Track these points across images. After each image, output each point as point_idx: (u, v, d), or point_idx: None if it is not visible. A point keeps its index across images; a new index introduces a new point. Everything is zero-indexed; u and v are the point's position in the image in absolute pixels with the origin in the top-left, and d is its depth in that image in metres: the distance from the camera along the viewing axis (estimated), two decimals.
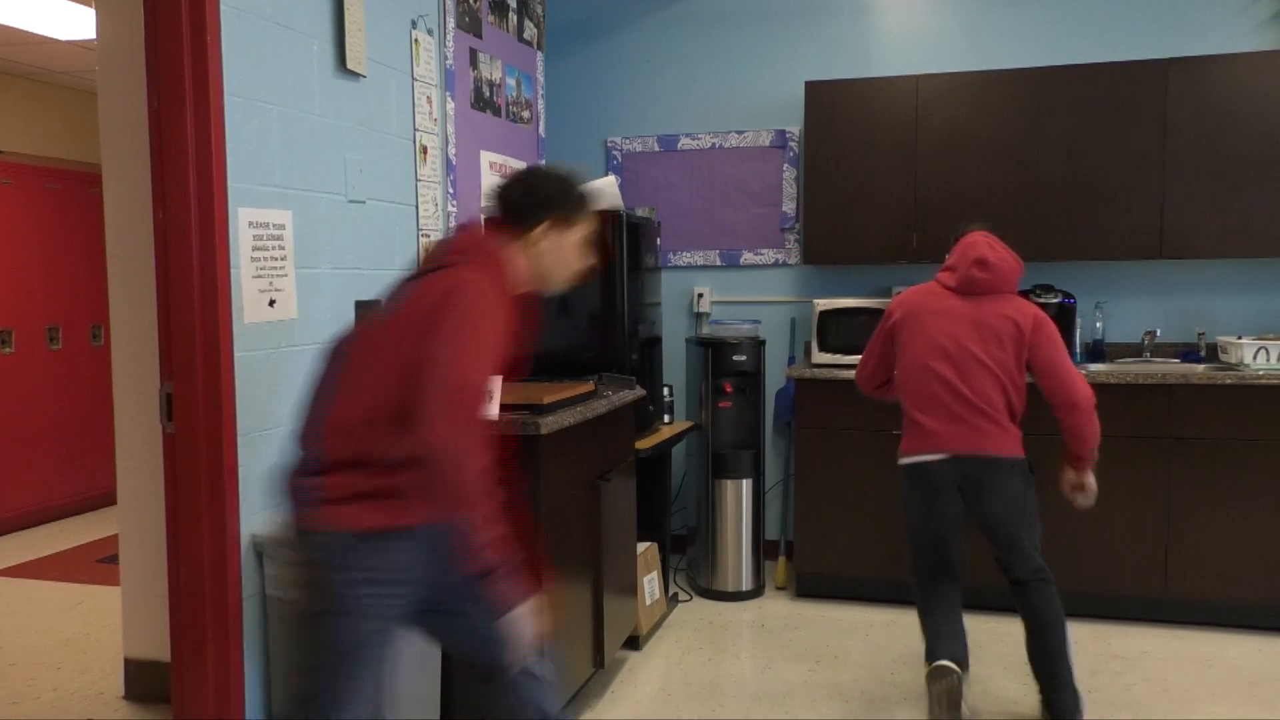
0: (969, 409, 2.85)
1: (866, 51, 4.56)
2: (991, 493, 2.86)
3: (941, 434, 2.88)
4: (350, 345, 1.95)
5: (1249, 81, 3.84)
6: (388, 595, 1.88)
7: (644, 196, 4.79)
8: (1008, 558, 2.91)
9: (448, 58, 3.44)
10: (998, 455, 2.85)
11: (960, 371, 2.87)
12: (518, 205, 2.04)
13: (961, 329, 2.89)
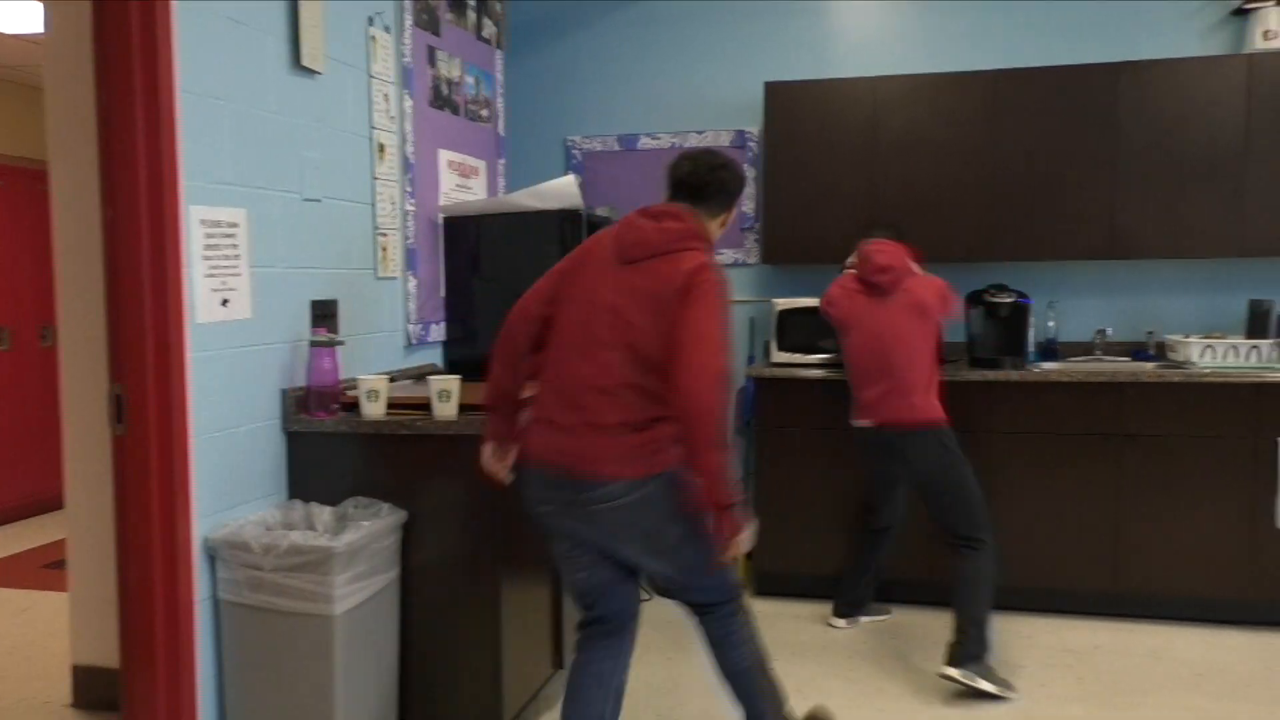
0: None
1: (825, 53, 4.59)
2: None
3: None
4: (582, 319, 2.25)
5: (1196, 85, 3.92)
6: (653, 531, 2.24)
7: (604, 196, 4.78)
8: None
9: (405, 55, 3.41)
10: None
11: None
12: (718, 191, 2.34)
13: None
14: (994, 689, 3.14)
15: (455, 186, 3.83)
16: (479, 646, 2.75)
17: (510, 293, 3.66)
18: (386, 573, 2.67)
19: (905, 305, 3.36)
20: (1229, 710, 3.10)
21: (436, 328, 3.71)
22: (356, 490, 2.78)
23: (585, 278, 2.31)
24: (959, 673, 3.15)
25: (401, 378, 3.37)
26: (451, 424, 2.73)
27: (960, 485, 3.30)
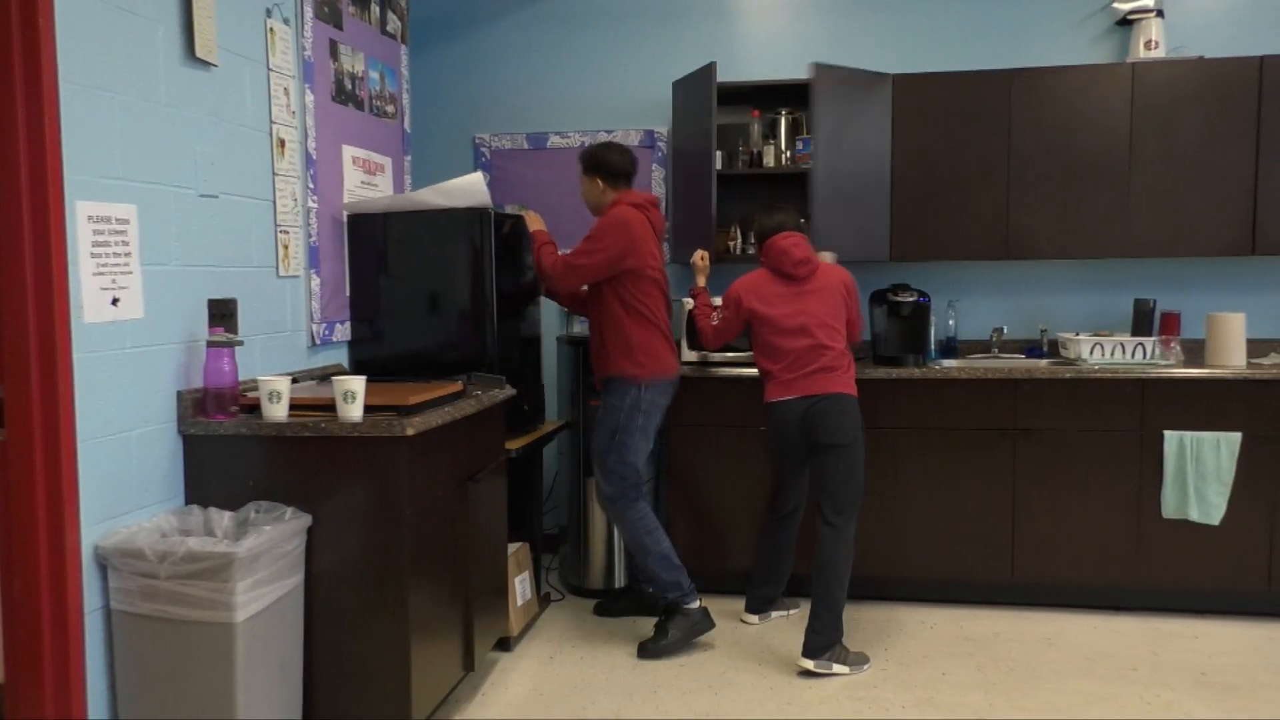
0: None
1: (731, 53, 4.64)
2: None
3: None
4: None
5: (1084, 92, 4.09)
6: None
7: (514, 194, 4.75)
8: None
9: (306, 49, 3.33)
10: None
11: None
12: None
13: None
14: (850, 670, 3.36)
15: (360, 183, 3.76)
16: (387, 651, 2.70)
17: (419, 291, 3.63)
18: (290, 578, 2.61)
19: (821, 291, 3.57)
20: (1117, 692, 3.24)
21: (342, 327, 3.63)
22: (258, 494, 2.71)
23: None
24: (815, 664, 3.35)
25: (305, 378, 3.29)
26: (357, 425, 2.67)
27: (857, 464, 3.51)
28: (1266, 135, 3.99)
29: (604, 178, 3.67)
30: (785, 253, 3.57)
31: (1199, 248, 4.09)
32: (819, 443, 3.51)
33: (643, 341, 3.59)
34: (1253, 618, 3.87)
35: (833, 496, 3.49)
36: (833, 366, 3.52)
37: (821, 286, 3.57)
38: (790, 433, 3.59)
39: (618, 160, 3.66)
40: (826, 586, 3.41)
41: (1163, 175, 4.07)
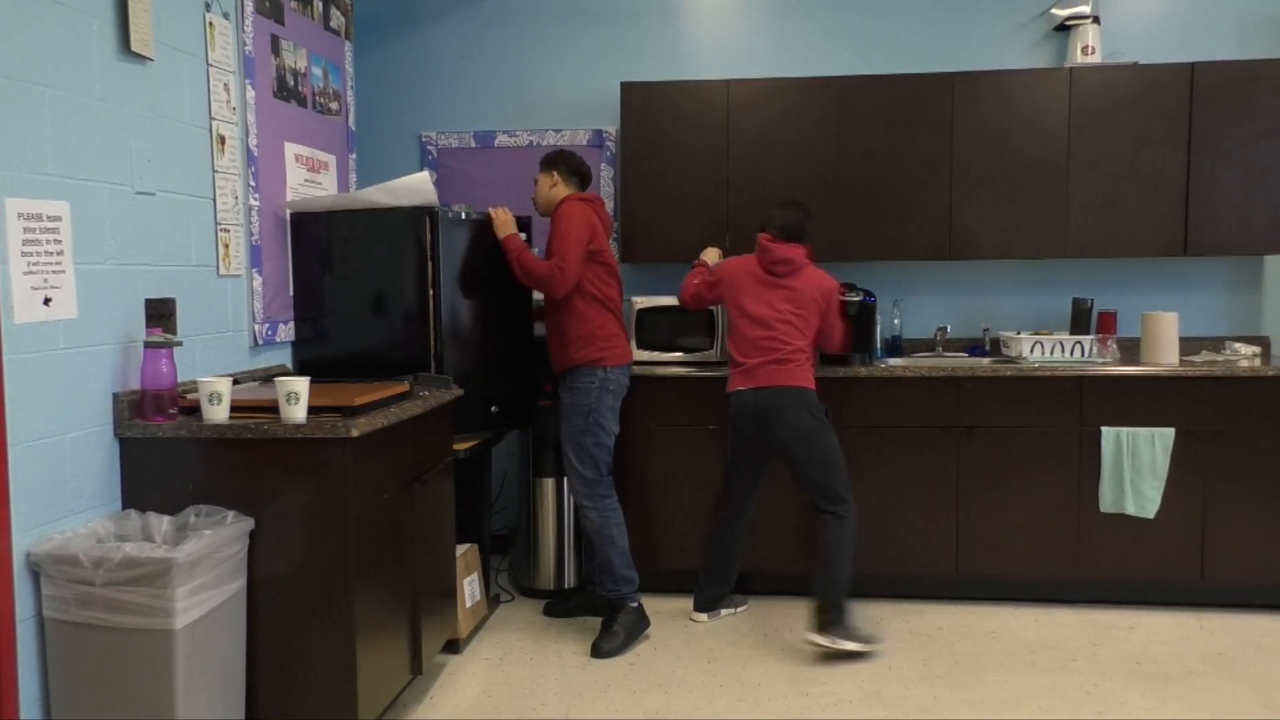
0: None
1: (680, 54, 4.66)
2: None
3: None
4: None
5: (1023, 96, 4.17)
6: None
7: (461, 193, 4.71)
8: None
9: (246, 43, 3.27)
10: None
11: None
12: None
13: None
14: (859, 647, 3.47)
15: (303, 181, 3.70)
16: (332, 655, 2.66)
17: (364, 291, 3.58)
18: (232, 583, 2.56)
19: (796, 291, 3.66)
20: (1058, 683, 3.30)
21: (285, 327, 3.57)
22: (199, 498, 2.65)
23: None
24: (825, 639, 3.45)
25: (247, 379, 3.23)
26: (301, 427, 2.63)
27: (825, 451, 3.59)
28: (1197, 139, 4.10)
29: (562, 173, 3.75)
30: (765, 249, 3.67)
31: (1134, 248, 4.19)
32: (777, 438, 3.59)
33: (603, 328, 3.67)
34: (1186, 608, 3.97)
35: (816, 486, 3.61)
36: (786, 360, 3.60)
37: (798, 287, 3.66)
38: (743, 423, 3.67)
39: (579, 163, 3.78)
40: (831, 569, 3.53)
41: (1099, 178, 4.16)
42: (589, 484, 3.68)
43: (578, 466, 3.69)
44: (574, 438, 3.68)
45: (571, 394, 3.69)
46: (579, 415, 3.67)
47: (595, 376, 3.65)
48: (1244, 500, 3.89)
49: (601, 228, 3.75)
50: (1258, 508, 3.88)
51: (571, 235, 3.57)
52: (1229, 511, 3.90)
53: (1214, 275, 4.50)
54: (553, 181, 3.75)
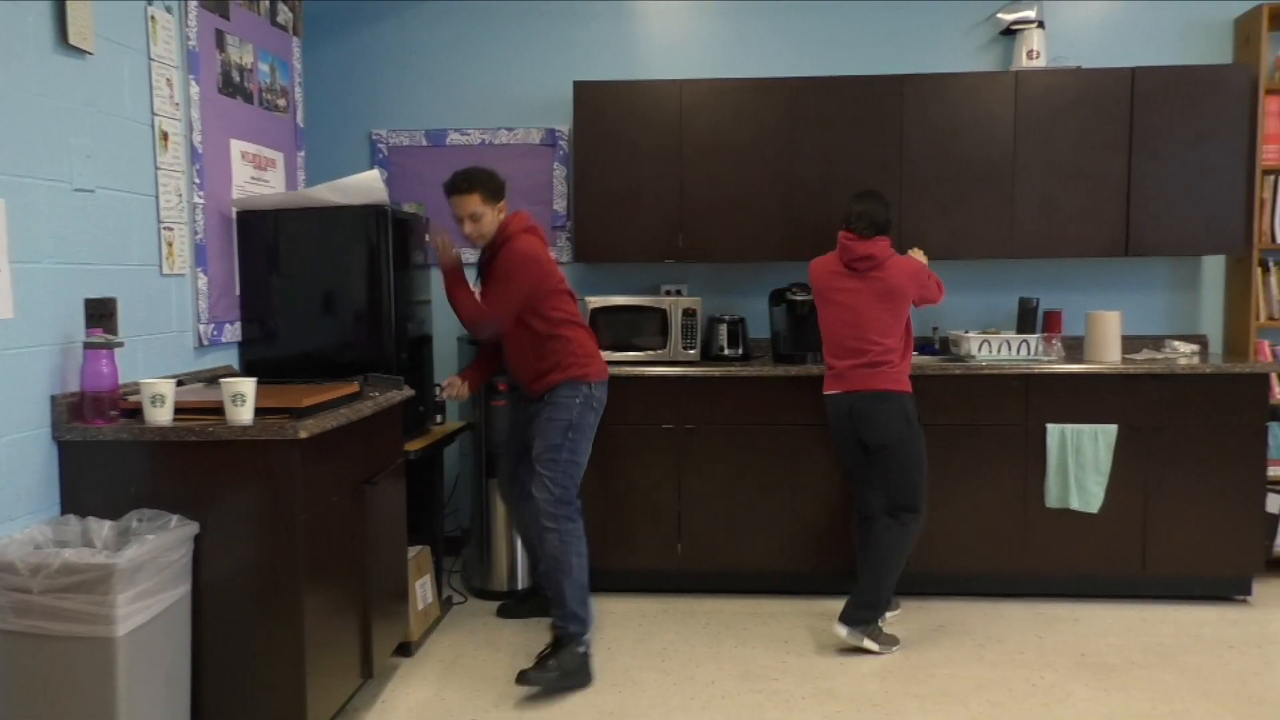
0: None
1: (633, 54, 4.66)
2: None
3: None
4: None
5: (970, 98, 4.23)
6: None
7: (412, 192, 4.67)
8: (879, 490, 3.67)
9: (190, 38, 3.21)
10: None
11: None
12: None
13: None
14: (881, 649, 3.52)
15: (250, 179, 3.64)
16: (280, 660, 2.62)
17: (313, 291, 3.53)
18: (176, 588, 2.50)
19: (879, 287, 3.58)
20: (1005, 676, 3.36)
21: (231, 328, 3.51)
22: (141, 502, 2.59)
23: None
24: (847, 632, 3.51)
25: (192, 381, 3.17)
26: (247, 429, 2.59)
27: (913, 456, 3.58)
28: (1138, 142, 4.19)
29: (506, 198, 3.51)
30: (846, 248, 3.62)
31: (1078, 249, 4.27)
32: (870, 442, 3.59)
33: (581, 344, 3.51)
34: (1128, 600, 4.06)
35: (888, 495, 3.60)
36: (878, 362, 3.55)
37: (886, 280, 3.57)
38: (840, 426, 3.66)
39: (502, 181, 3.51)
40: (877, 569, 3.54)
41: (1044, 179, 4.24)
42: (557, 503, 3.41)
43: (548, 484, 3.42)
44: (549, 453, 3.43)
45: (551, 408, 3.46)
46: (557, 430, 3.44)
47: (579, 391, 3.46)
48: (1183, 495, 3.98)
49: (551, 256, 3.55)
50: (1196, 502, 3.98)
51: (518, 286, 3.37)
52: (1169, 506, 4.00)
53: (1154, 275, 4.61)
54: (500, 209, 3.47)
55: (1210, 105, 4.15)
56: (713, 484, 4.09)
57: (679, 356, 4.24)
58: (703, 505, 4.10)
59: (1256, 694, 3.19)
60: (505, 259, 3.40)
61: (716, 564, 4.13)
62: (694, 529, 4.11)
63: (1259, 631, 3.74)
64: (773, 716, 3.07)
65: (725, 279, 4.69)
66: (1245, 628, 3.78)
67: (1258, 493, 3.98)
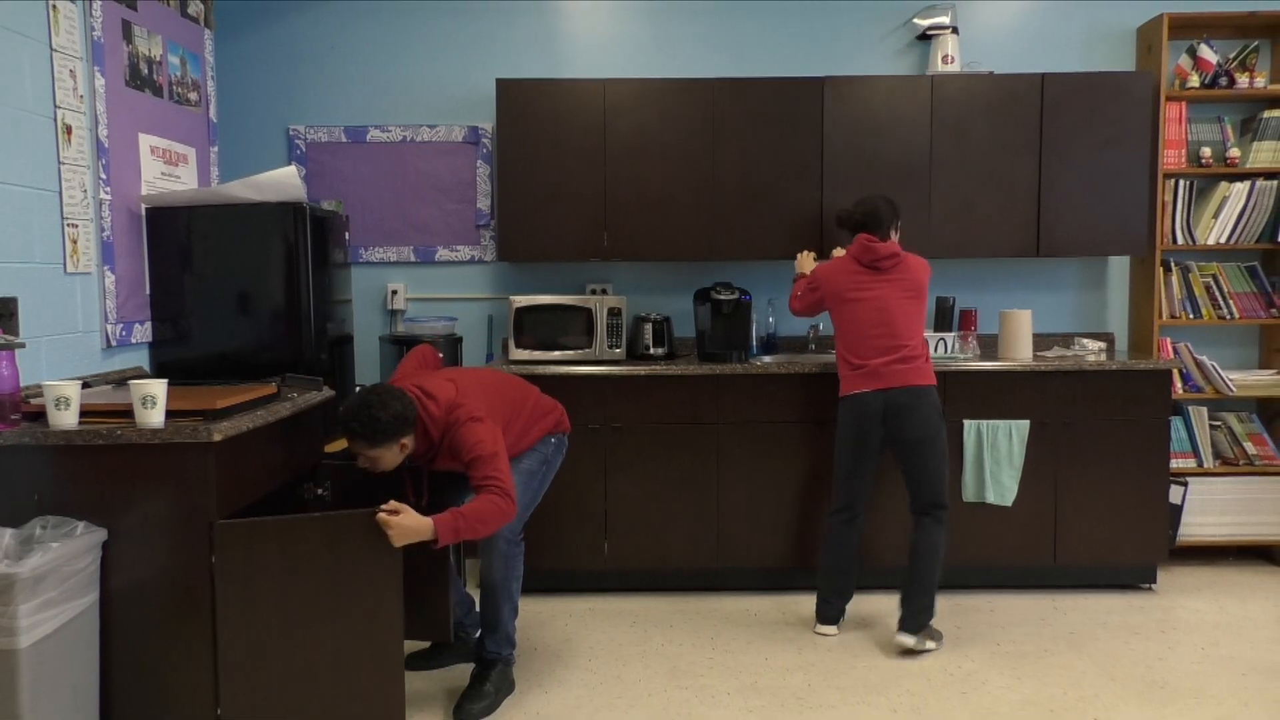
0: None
1: (557, 52, 4.64)
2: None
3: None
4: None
5: (888, 101, 4.32)
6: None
7: (331, 189, 4.58)
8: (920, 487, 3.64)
9: (95, 29, 3.10)
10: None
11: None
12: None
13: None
14: (936, 646, 3.58)
15: (160, 175, 3.53)
16: (194, 669, 2.55)
17: (228, 290, 3.44)
18: (83, 597, 2.42)
19: (904, 283, 3.60)
20: (924, 666, 3.44)
21: (141, 328, 3.40)
22: (45, 509, 2.50)
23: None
24: (914, 640, 3.51)
25: (99, 383, 3.06)
26: (158, 432, 2.51)
27: (944, 450, 3.61)
28: (1048, 146, 4.33)
29: (404, 436, 2.87)
30: (869, 248, 3.60)
31: (991, 249, 4.39)
32: (906, 438, 3.56)
33: (543, 402, 3.30)
34: (1041, 590, 4.19)
35: (930, 488, 3.59)
36: (911, 358, 3.56)
37: (908, 277, 3.61)
38: (868, 426, 3.59)
39: (394, 418, 2.81)
40: (929, 571, 3.55)
41: (959, 181, 4.35)
42: (511, 530, 3.15)
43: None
44: (519, 476, 3.13)
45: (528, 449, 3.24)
46: (534, 459, 3.24)
47: (554, 438, 3.31)
48: (1091, 487, 4.12)
49: (465, 382, 3.07)
50: (1104, 494, 4.12)
51: (498, 447, 2.91)
52: (1078, 498, 4.13)
53: (1064, 275, 4.76)
54: (403, 444, 2.87)
55: (1115, 111, 4.31)
56: (639, 483, 4.10)
57: (605, 356, 4.24)
58: (629, 504, 4.11)
59: (1160, 678, 3.32)
60: (459, 443, 2.89)
61: (644, 563, 4.14)
62: (621, 528, 4.12)
63: (1162, 618, 3.90)
64: (699, 713, 3.09)
65: (650, 278, 4.70)
66: (1150, 614, 3.93)
67: (1161, 485, 4.14)
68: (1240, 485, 4.45)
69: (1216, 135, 4.53)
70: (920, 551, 3.58)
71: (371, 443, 2.80)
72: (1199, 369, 4.48)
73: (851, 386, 3.64)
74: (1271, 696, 3.17)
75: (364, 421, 2.77)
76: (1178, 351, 4.53)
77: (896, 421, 3.56)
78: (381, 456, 2.85)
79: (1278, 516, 4.45)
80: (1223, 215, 4.45)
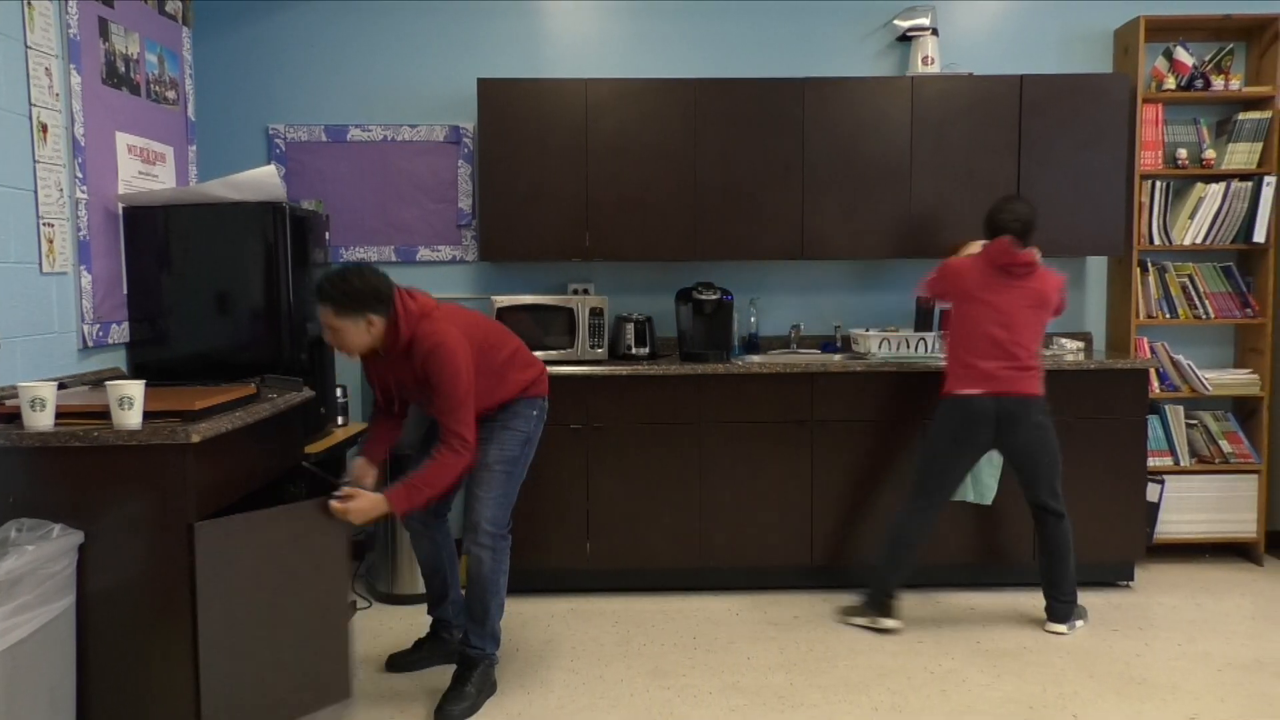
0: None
1: (538, 52, 4.64)
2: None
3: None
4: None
5: (868, 102, 4.34)
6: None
7: (311, 189, 4.56)
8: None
9: (71, 26, 3.07)
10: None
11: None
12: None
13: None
14: (1084, 623, 3.81)
15: (138, 174, 3.50)
16: (174, 672, 2.53)
17: (206, 290, 3.42)
18: (59, 601, 2.39)
19: (1032, 293, 3.64)
20: (904, 664, 3.45)
21: (119, 328, 3.37)
22: (21, 511, 2.46)
23: None
24: (1065, 626, 3.73)
25: (76, 384, 3.03)
26: (135, 433, 2.49)
27: (1056, 455, 3.70)
28: (1026, 147, 4.36)
29: (379, 312, 2.87)
30: (1007, 252, 3.62)
31: None
32: (1019, 443, 3.64)
33: (524, 354, 3.25)
34: (1020, 588, 4.22)
35: (1046, 487, 3.71)
36: (1028, 367, 3.62)
37: (1039, 288, 3.64)
38: (978, 429, 3.63)
39: (385, 284, 2.88)
40: (1065, 562, 3.72)
41: (939, 182, 4.37)
42: (498, 523, 3.13)
43: (493, 498, 3.12)
44: (504, 464, 3.13)
45: (509, 417, 3.17)
46: (516, 441, 3.17)
47: (534, 407, 3.25)
48: (1070, 485, 4.14)
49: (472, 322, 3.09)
50: (1082, 492, 4.15)
51: (460, 382, 2.90)
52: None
53: None
54: (371, 323, 2.87)
55: (1093, 112, 4.34)
56: (621, 483, 4.10)
57: (586, 356, 4.23)
58: (611, 504, 4.11)
59: (1138, 674, 3.35)
60: (430, 362, 2.90)
61: (626, 563, 4.14)
62: (603, 528, 4.12)
63: (1140, 615, 3.93)
64: (681, 713, 3.09)
65: (632, 278, 4.70)
66: (1128, 612, 3.97)
67: (1139, 482, 4.18)
68: (1216, 483, 4.50)
69: (1192, 137, 4.58)
70: (1054, 547, 3.74)
71: (339, 308, 2.82)
72: (1175, 368, 4.52)
73: (962, 386, 3.67)
74: (1247, 691, 3.21)
75: (335, 283, 2.81)
76: (1155, 351, 4.57)
77: (1008, 427, 3.63)
78: (346, 329, 2.85)
79: (1253, 514, 4.50)
80: (1199, 216, 4.49)
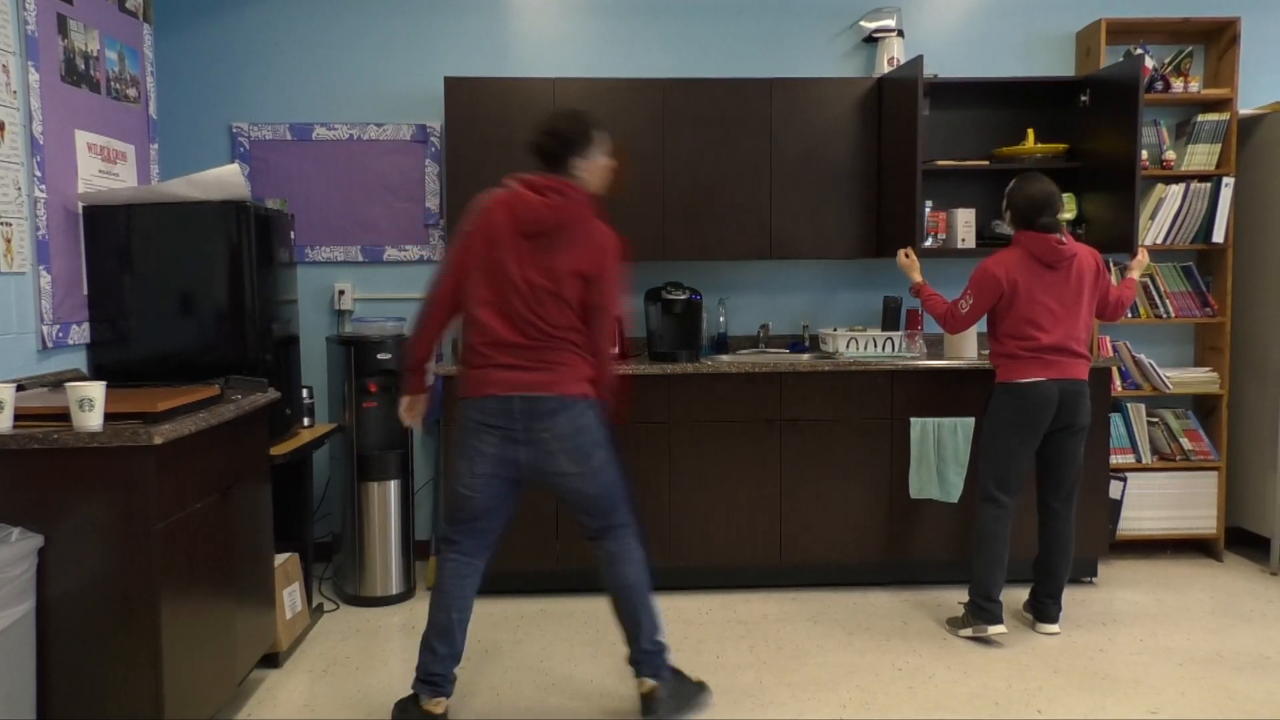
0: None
1: (506, 50, 4.62)
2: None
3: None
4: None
5: (835, 103, 4.36)
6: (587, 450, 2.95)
7: (276, 187, 4.51)
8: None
9: (28, 22, 3.01)
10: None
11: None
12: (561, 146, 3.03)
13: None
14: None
15: (98, 172, 3.45)
16: (136, 676, 2.49)
17: (169, 290, 3.37)
18: (17, 605, 2.35)
19: (1077, 275, 3.63)
20: (872, 662, 3.48)
21: (79, 329, 3.32)
22: None
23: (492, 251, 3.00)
24: (1058, 626, 3.76)
25: (34, 385, 2.98)
26: (96, 435, 2.45)
27: (1082, 464, 3.76)
28: None
29: (591, 155, 3.04)
30: (1047, 243, 3.58)
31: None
32: (1075, 425, 3.65)
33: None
34: None
35: (1068, 478, 3.72)
36: (1081, 354, 3.64)
37: (1078, 270, 3.63)
38: (1042, 415, 3.62)
39: (584, 128, 3.06)
40: (1065, 559, 3.73)
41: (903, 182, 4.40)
42: (628, 515, 3.08)
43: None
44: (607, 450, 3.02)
45: (592, 432, 2.94)
46: (603, 430, 3.00)
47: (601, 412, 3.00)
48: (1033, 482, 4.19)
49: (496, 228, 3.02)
50: None
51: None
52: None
53: None
54: (590, 165, 3.03)
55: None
56: None
57: None
58: None
59: (1101, 669, 3.40)
60: (609, 266, 2.93)
61: (594, 563, 4.11)
62: (570, 529, 4.11)
63: (1103, 611, 3.99)
64: None
65: None
66: (1091, 607, 4.02)
67: (1103, 480, 4.23)
68: (1177, 480, 4.58)
69: (1153, 138, 4.65)
70: (1057, 543, 3.74)
71: (575, 146, 3.00)
72: (1137, 367, 4.59)
73: (1025, 373, 3.63)
74: (1207, 685, 3.26)
75: (571, 117, 3.04)
76: (1117, 350, 4.63)
77: (1071, 409, 3.63)
78: (588, 166, 3.00)
79: (1213, 510, 4.58)
80: (1159, 216, 4.56)
